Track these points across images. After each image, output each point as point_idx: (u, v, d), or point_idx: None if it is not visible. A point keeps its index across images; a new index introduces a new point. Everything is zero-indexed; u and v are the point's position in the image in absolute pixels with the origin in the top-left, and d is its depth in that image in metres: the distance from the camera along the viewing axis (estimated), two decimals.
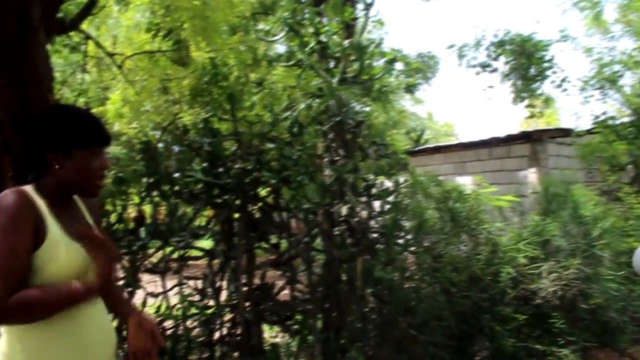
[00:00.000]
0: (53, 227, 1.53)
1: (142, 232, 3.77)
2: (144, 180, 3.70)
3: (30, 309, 1.41)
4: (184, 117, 5.95)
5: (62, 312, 1.49)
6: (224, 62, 5.25)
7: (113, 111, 9.37)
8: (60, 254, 1.51)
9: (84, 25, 5.68)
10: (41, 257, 1.48)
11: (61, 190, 1.61)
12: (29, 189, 1.55)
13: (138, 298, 3.52)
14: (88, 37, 4.03)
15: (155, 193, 3.71)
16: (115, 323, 1.85)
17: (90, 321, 1.59)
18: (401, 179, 4.14)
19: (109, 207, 3.67)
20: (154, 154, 3.75)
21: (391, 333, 3.61)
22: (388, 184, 4.17)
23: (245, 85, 5.81)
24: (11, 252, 1.40)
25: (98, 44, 4.26)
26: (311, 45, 4.58)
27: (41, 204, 1.53)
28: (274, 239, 3.83)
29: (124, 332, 2.45)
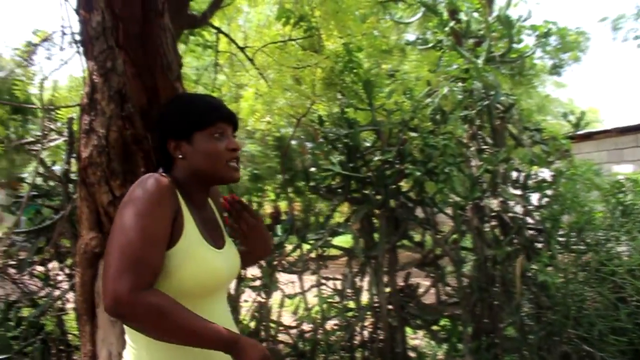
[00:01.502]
0: (190, 224, 1.37)
1: (279, 229, 3.67)
2: (279, 176, 3.59)
3: (158, 319, 1.20)
4: (317, 109, 5.83)
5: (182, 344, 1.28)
6: (358, 48, 5.02)
7: (247, 108, 9.58)
8: (197, 257, 1.34)
9: (216, 23, 5.77)
10: (175, 257, 1.31)
11: (192, 184, 1.44)
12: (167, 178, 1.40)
13: (275, 300, 3.42)
14: (219, 31, 4.01)
15: (290, 189, 3.57)
16: None
17: None
18: (561, 168, 3.63)
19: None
20: (288, 150, 3.63)
21: (556, 345, 3.15)
22: (545, 174, 3.68)
23: (378, 75, 5.55)
24: (148, 240, 1.23)
25: (229, 38, 4.24)
26: (450, 24, 4.19)
27: (180, 197, 1.38)
28: (418, 237, 3.52)
29: None
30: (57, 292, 3.66)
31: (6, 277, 3.80)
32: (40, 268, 3.88)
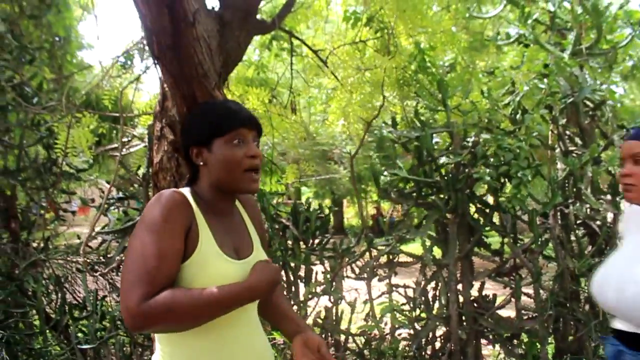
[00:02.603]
0: (206, 236, 1.35)
1: (350, 234, 3.61)
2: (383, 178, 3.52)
3: (173, 315, 1.22)
4: (395, 110, 5.67)
5: (211, 320, 1.29)
6: (430, 46, 4.81)
7: (335, 112, 9.49)
8: (211, 270, 1.32)
9: (298, 27, 5.78)
10: (189, 269, 1.30)
11: (214, 193, 1.43)
12: (186, 191, 1.41)
13: (345, 306, 3.37)
14: (292, 35, 4.01)
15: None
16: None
17: (242, 339, 1.40)
18: None
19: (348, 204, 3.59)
20: (388, 150, 3.59)
21: None
22: None
23: (473, 74, 5.27)
24: (156, 255, 1.23)
25: (300, 41, 4.22)
26: (534, 16, 3.91)
27: (197, 209, 1.37)
28: (494, 245, 3.32)
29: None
30: None
31: (95, 274, 4.07)
32: None
